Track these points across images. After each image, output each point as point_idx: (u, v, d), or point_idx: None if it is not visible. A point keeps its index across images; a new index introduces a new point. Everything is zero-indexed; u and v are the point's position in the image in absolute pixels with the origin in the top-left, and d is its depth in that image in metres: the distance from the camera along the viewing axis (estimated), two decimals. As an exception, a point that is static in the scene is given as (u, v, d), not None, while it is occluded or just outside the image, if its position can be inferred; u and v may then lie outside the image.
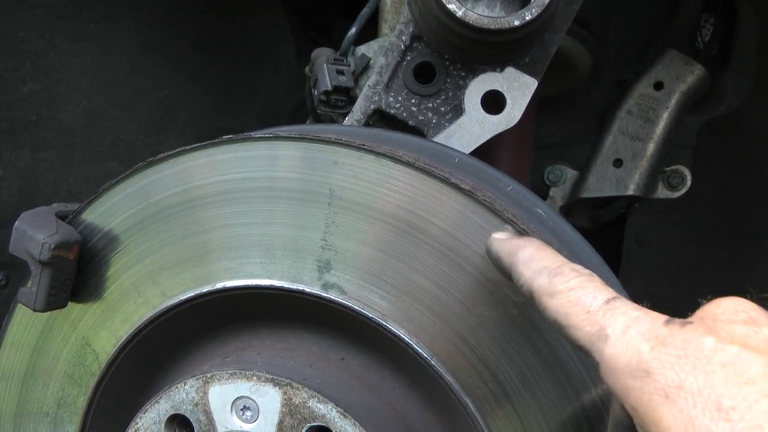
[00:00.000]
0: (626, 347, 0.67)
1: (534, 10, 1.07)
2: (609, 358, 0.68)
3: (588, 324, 0.72)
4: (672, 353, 0.64)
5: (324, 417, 0.90)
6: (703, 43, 1.88)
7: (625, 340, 0.68)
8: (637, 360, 0.65)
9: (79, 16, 1.82)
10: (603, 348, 0.69)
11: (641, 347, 0.66)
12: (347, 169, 0.96)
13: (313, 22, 2.10)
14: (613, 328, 0.69)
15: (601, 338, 0.70)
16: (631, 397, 0.65)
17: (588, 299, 0.74)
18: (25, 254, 1.02)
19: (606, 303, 0.72)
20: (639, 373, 0.65)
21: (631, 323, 0.69)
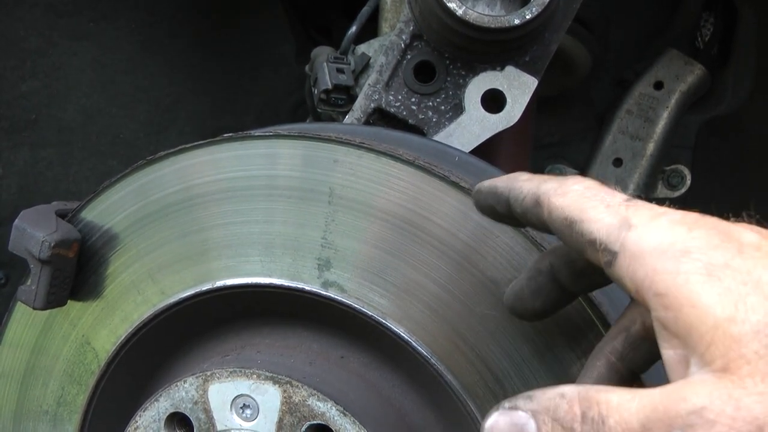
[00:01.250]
0: (657, 230, 0.60)
1: (534, 9, 1.07)
2: (633, 243, 0.61)
3: (608, 215, 0.64)
4: (714, 235, 0.59)
5: (323, 415, 0.90)
6: (703, 43, 1.88)
7: (655, 225, 0.61)
8: (672, 240, 0.59)
9: (78, 15, 1.82)
10: (626, 235, 0.62)
11: (676, 228, 0.60)
12: (347, 167, 0.96)
13: (313, 21, 2.10)
14: (639, 218, 0.63)
15: (624, 227, 0.62)
16: (659, 281, 0.58)
17: (606, 195, 0.67)
18: (24, 252, 1.02)
19: (627, 200, 0.66)
20: (674, 253, 0.58)
21: (660, 214, 0.62)
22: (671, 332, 0.59)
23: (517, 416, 0.62)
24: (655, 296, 0.59)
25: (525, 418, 0.62)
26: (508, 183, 0.77)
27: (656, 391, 0.57)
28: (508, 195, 0.76)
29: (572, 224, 0.67)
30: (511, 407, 0.63)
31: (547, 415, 0.61)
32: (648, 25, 1.91)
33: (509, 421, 0.62)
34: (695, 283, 0.57)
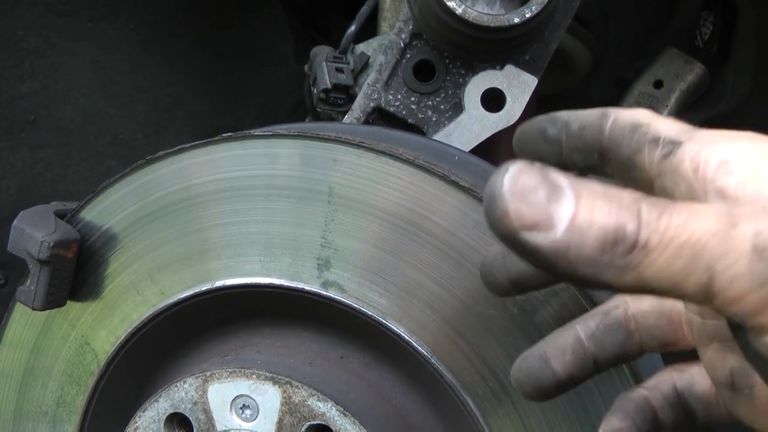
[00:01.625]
0: (725, 133, 0.56)
1: (534, 8, 1.07)
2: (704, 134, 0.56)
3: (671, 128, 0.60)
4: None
5: (324, 415, 0.90)
6: (702, 42, 1.87)
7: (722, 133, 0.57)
8: (739, 133, 0.55)
9: (77, 15, 1.81)
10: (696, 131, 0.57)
11: (742, 134, 0.55)
12: (346, 166, 0.96)
13: (312, 21, 2.10)
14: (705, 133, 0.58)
15: (694, 130, 0.58)
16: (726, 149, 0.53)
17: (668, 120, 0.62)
18: (23, 253, 1.02)
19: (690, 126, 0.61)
20: (743, 137, 0.54)
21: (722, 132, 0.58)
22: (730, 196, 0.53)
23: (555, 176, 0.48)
24: (720, 165, 0.54)
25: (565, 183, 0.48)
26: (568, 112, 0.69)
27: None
28: (568, 117, 0.68)
29: (638, 126, 0.61)
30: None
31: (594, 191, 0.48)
32: (647, 23, 1.90)
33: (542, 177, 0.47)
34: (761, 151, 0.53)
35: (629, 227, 0.45)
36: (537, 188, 0.46)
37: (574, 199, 0.46)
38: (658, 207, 0.46)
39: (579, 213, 0.46)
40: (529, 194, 0.46)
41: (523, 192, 0.46)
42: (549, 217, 0.46)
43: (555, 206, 0.46)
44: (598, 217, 0.46)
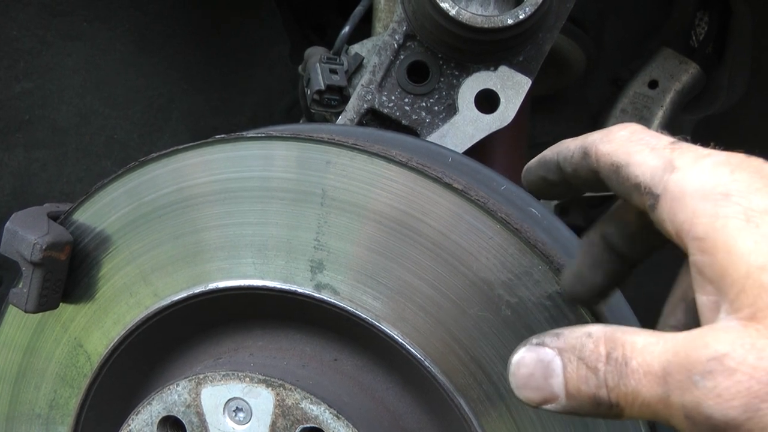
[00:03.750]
0: (699, 172, 0.59)
1: (527, 9, 1.07)
2: (676, 185, 0.60)
3: (652, 158, 0.63)
4: (757, 179, 0.57)
5: (317, 418, 0.89)
6: (697, 42, 1.87)
7: (699, 166, 0.60)
8: (714, 182, 0.58)
9: (72, 15, 1.81)
10: (670, 178, 0.61)
11: (719, 170, 0.58)
12: (340, 168, 0.96)
13: (307, 20, 2.10)
14: (683, 160, 0.61)
15: (668, 169, 0.61)
16: (699, 224, 0.57)
17: (652, 138, 0.66)
18: (16, 255, 1.01)
19: (672, 143, 0.64)
20: (714, 196, 0.57)
21: (704, 155, 0.61)
22: (706, 278, 0.58)
23: (543, 353, 0.63)
24: (694, 240, 0.58)
25: (551, 355, 0.62)
26: (554, 148, 0.77)
27: (681, 335, 0.56)
28: (557, 158, 0.75)
29: (618, 169, 0.66)
30: (538, 344, 0.64)
31: (573, 354, 0.61)
32: (642, 24, 1.90)
33: (535, 357, 0.63)
34: (733, 228, 0.56)
35: (602, 393, 0.59)
36: (533, 373, 0.63)
37: (561, 373, 0.61)
38: (617, 372, 0.58)
39: (568, 385, 0.61)
40: (530, 381, 0.63)
41: (526, 381, 0.63)
42: (550, 393, 0.62)
43: (550, 383, 0.62)
44: (581, 386, 0.60)
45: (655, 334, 0.58)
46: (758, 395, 0.51)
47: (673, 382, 0.55)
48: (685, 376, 0.54)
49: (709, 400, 0.52)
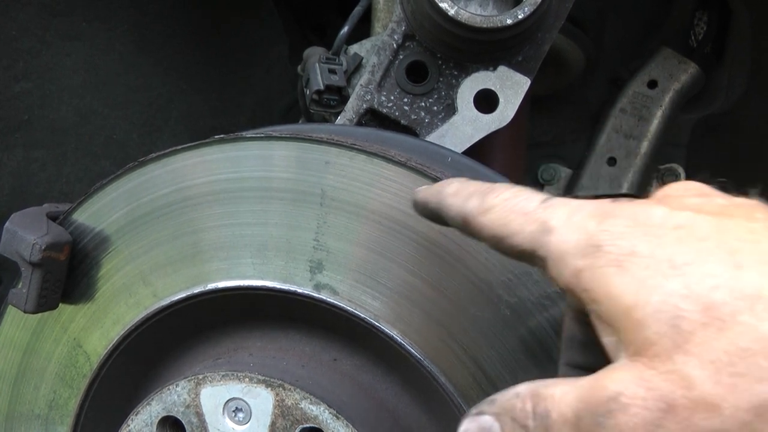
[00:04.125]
0: (573, 230, 0.63)
1: (526, 9, 1.07)
2: (555, 247, 0.64)
3: (528, 224, 0.67)
4: (621, 223, 0.61)
5: (317, 418, 0.90)
6: (696, 42, 1.87)
7: (571, 223, 0.64)
8: (586, 237, 0.62)
9: (72, 15, 1.81)
10: (548, 240, 0.65)
11: (588, 225, 0.63)
12: (339, 169, 0.96)
13: (307, 20, 2.10)
14: (556, 219, 0.65)
15: (545, 232, 0.66)
16: (583, 278, 0.62)
17: (524, 203, 0.69)
18: (15, 255, 1.01)
19: (543, 201, 0.68)
20: (588, 250, 0.61)
21: (574, 210, 0.65)
22: (603, 322, 0.62)
23: (483, 420, 0.66)
24: (583, 292, 0.62)
25: (490, 421, 0.66)
26: (438, 199, 0.80)
27: (586, 380, 0.60)
28: (440, 213, 0.79)
29: (500, 241, 0.70)
30: (478, 413, 0.67)
31: (506, 416, 0.65)
32: (642, 23, 1.90)
33: (477, 426, 0.66)
34: (609, 275, 0.60)
35: None
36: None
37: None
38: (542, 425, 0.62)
39: None
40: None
41: None
42: None
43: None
44: None
45: (569, 382, 0.62)
46: (653, 422, 0.55)
47: (584, 427, 0.59)
48: (591, 420, 0.58)
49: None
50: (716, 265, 0.56)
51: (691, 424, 0.54)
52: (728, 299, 0.54)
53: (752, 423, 0.52)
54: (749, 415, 0.52)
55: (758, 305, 0.53)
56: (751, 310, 0.53)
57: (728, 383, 0.53)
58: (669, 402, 0.54)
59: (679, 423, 0.54)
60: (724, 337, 0.54)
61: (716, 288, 0.55)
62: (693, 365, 0.54)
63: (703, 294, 0.55)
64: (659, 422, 0.55)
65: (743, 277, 0.55)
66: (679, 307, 0.55)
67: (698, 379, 0.54)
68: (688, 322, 0.55)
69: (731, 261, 0.56)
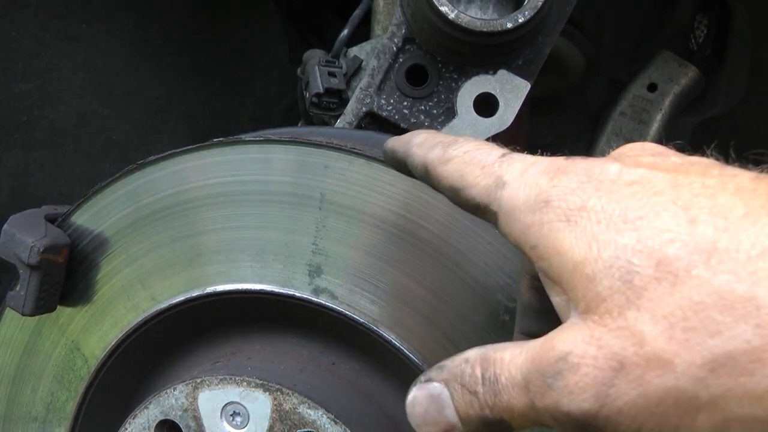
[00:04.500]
0: (524, 185, 0.63)
1: (527, 13, 1.07)
2: (506, 202, 0.64)
3: (483, 177, 0.67)
4: (573, 179, 0.60)
5: (314, 423, 0.89)
6: (696, 45, 1.87)
7: (524, 179, 0.64)
8: (537, 192, 0.62)
9: (71, 16, 1.81)
10: (501, 195, 0.65)
11: (540, 181, 0.62)
12: (338, 172, 0.95)
13: (306, 22, 2.10)
14: (511, 174, 0.65)
15: (498, 186, 0.65)
16: (531, 234, 0.61)
17: (483, 156, 0.69)
18: (13, 258, 1.01)
19: (502, 156, 0.68)
20: (538, 206, 0.61)
21: (529, 165, 0.65)
22: (552, 279, 0.61)
23: (432, 387, 0.66)
24: (531, 249, 0.62)
25: (439, 389, 0.65)
26: (404, 147, 0.81)
27: (536, 342, 0.59)
28: (405, 162, 0.80)
29: (457, 191, 0.70)
30: (426, 380, 0.67)
31: (456, 382, 0.64)
32: (642, 26, 1.90)
33: (426, 393, 0.66)
34: (556, 231, 0.59)
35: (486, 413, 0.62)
36: (428, 409, 0.65)
37: (451, 403, 0.64)
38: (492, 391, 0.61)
39: (459, 412, 0.63)
40: (427, 417, 0.65)
41: (424, 419, 0.66)
42: (447, 423, 0.64)
43: (445, 414, 0.64)
44: (469, 411, 0.62)
45: (519, 345, 0.61)
46: (604, 382, 0.53)
47: (533, 389, 0.58)
48: (541, 382, 0.57)
49: (563, 399, 0.55)
50: (670, 220, 0.54)
51: (644, 383, 0.52)
52: (682, 254, 0.53)
53: (706, 379, 0.51)
54: (703, 370, 0.51)
55: (712, 259, 0.52)
56: (706, 264, 0.52)
57: (681, 338, 0.51)
58: (620, 360, 0.53)
59: (632, 382, 0.53)
60: (677, 291, 0.52)
61: (670, 242, 0.53)
62: (645, 321, 0.53)
63: (656, 248, 0.54)
64: (611, 381, 0.53)
65: (697, 232, 0.53)
66: (632, 262, 0.54)
67: (650, 335, 0.52)
68: (640, 278, 0.54)
69: (686, 216, 0.54)
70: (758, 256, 0.51)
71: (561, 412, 0.56)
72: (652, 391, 0.52)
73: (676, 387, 0.52)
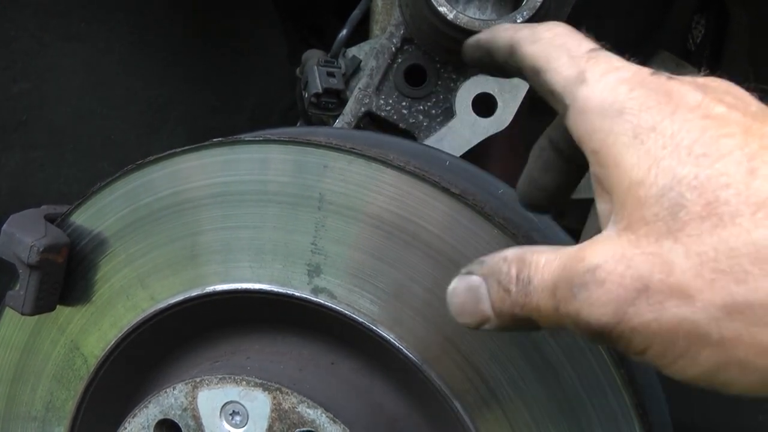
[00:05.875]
0: (603, 88, 0.64)
1: (525, 13, 1.07)
2: (581, 99, 0.65)
3: (568, 67, 0.68)
4: (652, 97, 0.61)
5: (313, 422, 0.90)
6: (694, 45, 1.88)
7: (604, 81, 0.64)
8: (612, 99, 0.62)
9: (70, 16, 1.81)
10: (578, 90, 0.66)
11: (619, 88, 0.63)
12: (337, 172, 0.96)
13: (305, 22, 2.10)
14: (593, 72, 0.66)
15: (578, 81, 0.66)
16: (596, 138, 0.63)
17: (573, 44, 0.70)
18: (13, 257, 1.01)
19: (591, 51, 0.69)
20: (611, 113, 0.62)
21: (613, 69, 0.65)
22: (603, 188, 0.63)
23: (471, 280, 0.70)
24: (591, 153, 0.64)
25: (478, 282, 0.69)
26: (489, 34, 0.83)
27: (571, 249, 0.62)
28: (489, 47, 0.82)
29: (538, 73, 0.71)
30: (467, 272, 0.71)
31: (493, 278, 0.67)
32: (639, 26, 1.90)
33: (466, 286, 0.70)
34: (621, 144, 0.60)
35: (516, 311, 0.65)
36: (466, 301, 0.70)
37: (488, 298, 0.67)
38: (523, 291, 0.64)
39: (494, 306, 0.67)
40: (465, 308, 0.70)
41: (462, 309, 0.70)
42: (483, 315, 0.68)
43: (481, 307, 0.68)
44: (503, 307, 0.66)
45: (556, 250, 0.63)
46: (626, 301, 0.56)
47: (560, 295, 0.61)
48: (567, 289, 0.60)
49: (584, 309, 0.58)
50: (732, 165, 0.55)
51: (662, 309, 0.55)
52: (733, 200, 0.54)
53: (721, 320, 0.53)
54: (720, 312, 0.53)
55: (759, 213, 0.53)
56: (752, 216, 0.53)
57: (708, 278, 0.54)
58: (646, 283, 0.56)
59: (651, 305, 0.55)
60: (717, 233, 0.54)
61: (725, 186, 0.55)
62: (678, 253, 0.55)
63: (710, 189, 0.55)
64: (632, 301, 0.56)
65: (754, 184, 0.54)
66: (684, 195, 0.56)
67: (680, 267, 0.55)
68: (687, 212, 0.55)
69: (748, 165, 0.55)
70: None
71: (581, 321, 0.59)
72: (668, 318, 0.55)
73: (691, 320, 0.54)
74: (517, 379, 0.92)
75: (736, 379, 0.55)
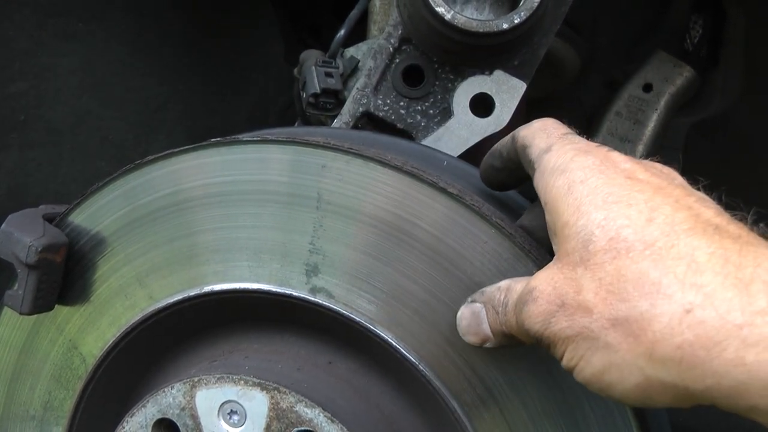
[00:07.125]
0: (557, 155, 0.81)
1: (523, 13, 1.08)
2: (543, 163, 0.83)
3: (542, 142, 0.85)
4: (590, 160, 0.78)
5: (311, 422, 0.90)
6: (692, 45, 1.88)
7: (560, 151, 0.81)
8: (561, 162, 0.80)
9: (68, 16, 1.81)
10: (543, 157, 0.83)
11: (568, 154, 0.80)
12: (335, 172, 0.96)
13: (303, 22, 2.10)
14: (557, 145, 0.83)
15: (546, 151, 0.83)
16: (547, 192, 0.80)
17: (553, 129, 0.87)
18: (11, 257, 1.01)
19: (565, 134, 0.86)
20: (556, 172, 0.79)
21: (572, 143, 0.83)
22: (551, 230, 0.80)
23: (474, 306, 0.87)
24: (544, 204, 0.81)
25: (479, 308, 0.87)
26: (500, 141, 0.98)
27: (529, 278, 0.79)
28: (500, 148, 0.96)
29: (525, 148, 0.88)
30: (472, 301, 0.88)
31: (490, 304, 0.85)
32: (637, 26, 1.91)
33: (470, 311, 0.88)
34: (559, 195, 0.78)
35: (504, 329, 0.83)
36: (471, 323, 0.87)
37: (487, 322, 0.86)
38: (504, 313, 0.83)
39: (491, 327, 0.85)
40: (470, 329, 0.88)
41: (468, 330, 0.88)
42: (485, 335, 0.86)
43: (483, 328, 0.86)
44: (495, 327, 0.85)
45: (527, 279, 0.80)
46: (550, 313, 0.74)
47: (516, 311, 0.79)
48: (519, 306, 0.78)
49: (527, 321, 0.76)
50: (636, 213, 0.72)
51: (572, 318, 0.72)
52: (630, 239, 0.70)
53: (607, 329, 0.69)
54: (608, 323, 0.69)
55: (647, 250, 0.69)
56: (641, 252, 0.69)
57: (603, 296, 0.70)
58: (563, 300, 0.73)
59: (566, 317, 0.73)
60: (614, 263, 0.70)
61: (626, 227, 0.71)
62: (586, 277, 0.72)
63: (614, 229, 0.72)
64: (554, 313, 0.74)
65: (649, 228, 0.70)
66: (593, 233, 0.73)
67: (586, 288, 0.71)
68: (594, 246, 0.72)
69: (648, 215, 0.71)
70: (678, 257, 0.67)
71: (527, 330, 0.77)
72: (575, 326, 0.72)
73: (588, 328, 0.71)
74: (514, 379, 0.92)
75: (617, 380, 0.70)
